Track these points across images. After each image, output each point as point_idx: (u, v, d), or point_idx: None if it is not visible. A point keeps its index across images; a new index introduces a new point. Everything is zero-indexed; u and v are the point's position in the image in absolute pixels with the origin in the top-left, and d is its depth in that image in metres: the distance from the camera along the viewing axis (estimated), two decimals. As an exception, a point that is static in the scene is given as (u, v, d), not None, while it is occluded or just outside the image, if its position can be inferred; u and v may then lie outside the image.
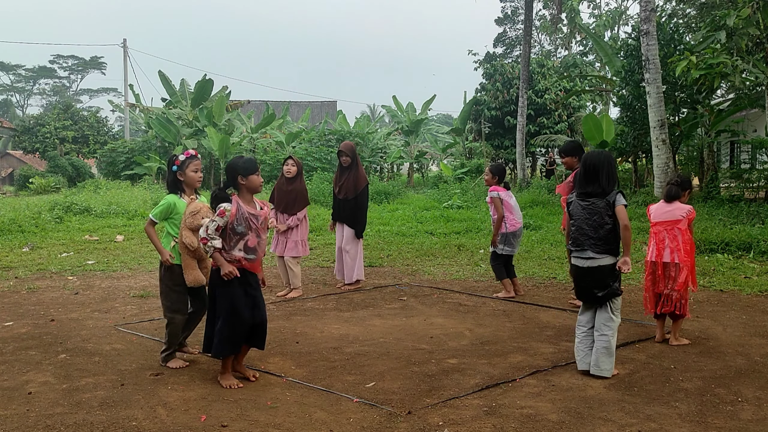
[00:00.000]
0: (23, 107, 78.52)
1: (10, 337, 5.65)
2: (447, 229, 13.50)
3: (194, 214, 4.70)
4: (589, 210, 4.66)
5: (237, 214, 4.33)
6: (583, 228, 4.68)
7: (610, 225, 4.62)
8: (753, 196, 15.12)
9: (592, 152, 4.86)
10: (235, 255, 4.37)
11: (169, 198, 4.86)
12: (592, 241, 4.63)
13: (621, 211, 4.61)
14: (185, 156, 4.89)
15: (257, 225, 4.41)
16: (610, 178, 4.68)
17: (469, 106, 31.27)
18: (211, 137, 28.72)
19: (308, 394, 4.25)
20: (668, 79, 15.22)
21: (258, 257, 4.46)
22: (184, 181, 4.89)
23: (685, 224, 5.39)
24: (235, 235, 4.34)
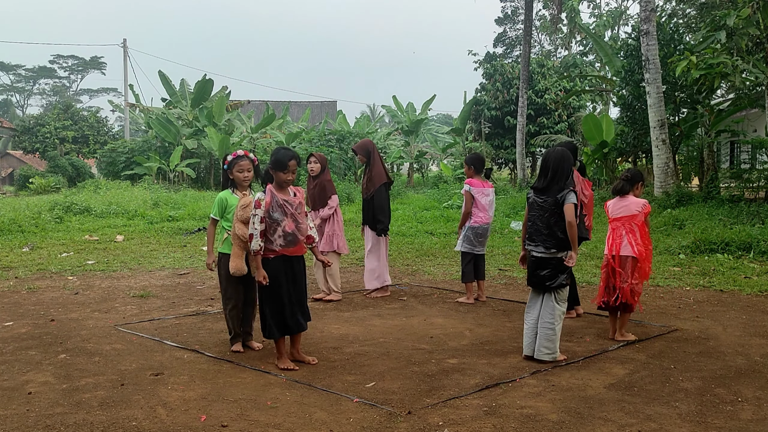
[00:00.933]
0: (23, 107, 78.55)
1: (10, 337, 5.65)
2: (447, 229, 13.50)
3: (245, 207, 5.03)
4: (542, 207, 4.89)
5: (272, 202, 4.63)
6: (536, 224, 4.92)
7: (561, 222, 4.82)
8: (753, 196, 15.12)
9: (552, 149, 5.07)
10: (276, 247, 4.65)
11: (221, 194, 5.24)
12: (543, 237, 4.88)
13: (568, 209, 4.81)
14: (233, 156, 5.21)
15: (292, 210, 4.69)
16: (561, 177, 4.87)
17: (469, 106, 31.28)
18: (211, 137, 28.72)
19: (308, 394, 4.25)
20: (668, 79, 15.22)
21: (297, 240, 4.73)
22: (233, 179, 5.21)
23: (641, 218, 5.46)
24: (272, 222, 4.64)
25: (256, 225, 4.62)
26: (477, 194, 7.01)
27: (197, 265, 9.71)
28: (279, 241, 4.66)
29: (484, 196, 7.03)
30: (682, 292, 7.53)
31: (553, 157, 4.93)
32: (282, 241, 4.66)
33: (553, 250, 4.85)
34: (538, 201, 4.93)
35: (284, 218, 4.66)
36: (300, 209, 4.76)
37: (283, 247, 4.67)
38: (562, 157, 4.91)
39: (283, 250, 4.68)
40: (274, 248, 4.67)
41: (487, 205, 7.06)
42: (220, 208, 5.21)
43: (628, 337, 5.50)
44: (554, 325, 4.89)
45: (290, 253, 4.72)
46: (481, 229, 7.05)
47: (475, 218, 7.01)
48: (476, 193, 7.01)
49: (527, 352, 4.99)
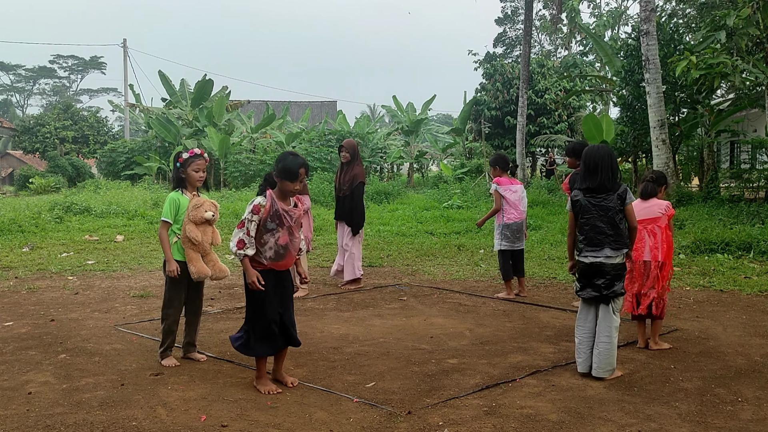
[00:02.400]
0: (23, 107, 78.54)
1: (10, 337, 5.65)
2: (447, 229, 13.50)
3: (197, 207, 4.78)
4: (602, 207, 4.56)
5: (270, 210, 4.23)
6: (598, 226, 4.55)
7: (624, 221, 4.58)
8: (753, 196, 15.13)
9: (593, 147, 4.76)
10: (263, 260, 4.25)
11: (172, 195, 4.86)
12: (611, 239, 4.54)
13: (630, 211, 4.58)
14: (189, 154, 4.89)
15: (290, 222, 4.30)
16: (612, 173, 4.58)
17: (469, 106, 31.28)
18: (211, 137, 28.72)
19: (308, 394, 4.25)
20: (668, 79, 15.22)
21: (289, 255, 4.33)
22: (186, 178, 4.89)
23: (665, 221, 5.28)
24: (266, 232, 4.24)
25: (251, 231, 4.20)
26: (505, 192, 7.23)
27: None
28: (269, 253, 4.24)
29: (512, 192, 7.24)
30: (682, 292, 7.53)
31: (601, 154, 4.58)
32: (272, 254, 4.24)
33: (624, 251, 4.57)
34: (593, 202, 4.57)
35: (280, 230, 4.25)
36: (298, 222, 4.38)
37: (272, 260, 4.26)
38: (609, 154, 4.64)
39: (272, 264, 4.27)
40: (262, 261, 4.25)
41: (518, 201, 7.26)
42: (173, 209, 4.80)
43: (663, 346, 5.27)
44: (613, 338, 4.55)
45: (279, 267, 4.31)
46: (516, 226, 7.24)
47: (508, 215, 7.23)
48: (504, 191, 7.22)
49: (583, 369, 4.63)
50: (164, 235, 4.83)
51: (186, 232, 4.75)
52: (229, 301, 7.18)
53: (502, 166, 7.34)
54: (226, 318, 6.41)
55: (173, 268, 4.76)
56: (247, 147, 30.90)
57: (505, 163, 7.36)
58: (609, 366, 4.54)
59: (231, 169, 27.88)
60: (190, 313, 5.02)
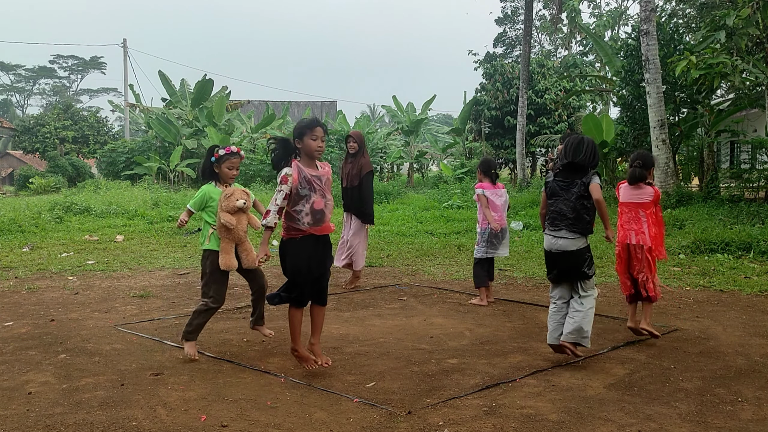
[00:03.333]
0: (23, 107, 78.56)
1: (10, 337, 5.65)
2: (447, 229, 13.50)
3: (228, 196, 4.93)
4: (568, 191, 4.79)
5: (299, 177, 4.34)
6: (561, 208, 4.81)
7: (588, 205, 4.75)
8: (753, 196, 15.12)
9: (579, 136, 4.97)
10: (302, 226, 4.37)
11: (204, 188, 5.05)
12: (569, 221, 4.77)
13: (594, 188, 4.74)
14: (226, 152, 5.04)
15: (321, 185, 4.42)
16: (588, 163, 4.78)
17: (469, 106, 31.29)
18: (211, 137, 28.74)
19: (308, 394, 4.25)
20: (668, 79, 15.22)
21: (325, 218, 4.47)
22: (219, 173, 5.05)
23: (651, 206, 5.37)
24: (300, 199, 4.35)
25: (278, 201, 4.32)
26: (490, 195, 7.11)
27: (197, 265, 9.70)
28: (307, 219, 4.35)
29: (497, 197, 7.14)
30: (682, 292, 7.52)
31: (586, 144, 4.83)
32: (310, 219, 4.35)
33: (578, 236, 4.76)
34: (561, 185, 4.83)
35: (313, 194, 4.35)
36: (328, 184, 4.48)
37: (311, 225, 4.37)
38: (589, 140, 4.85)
39: (311, 228, 4.38)
40: (301, 227, 4.36)
41: (501, 205, 7.15)
42: (202, 201, 5.03)
43: (653, 330, 5.40)
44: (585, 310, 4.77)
45: (318, 232, 4.42)
46: (500, 231, 7.07)
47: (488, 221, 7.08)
48: (489, 195, 7.11)
49: (551, 341, 4.89)
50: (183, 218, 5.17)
51: (220, 221, 4.90)
52: (229, 301, 7.18)
53: (484, 169, 7.19)
54: (226, 318, 6.40)
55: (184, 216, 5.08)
56: (247, 147, 30.91)
57: (488, 168, 7.21)
58: (579, 333, 4.74)
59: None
60: (253, 290, 5.24)
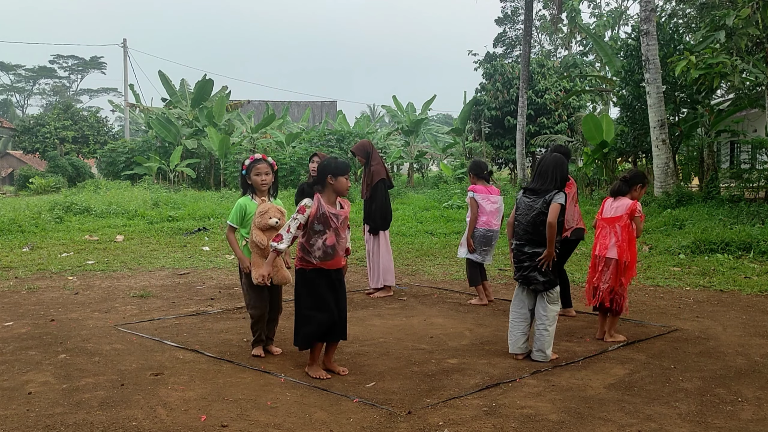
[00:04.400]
0: (23, 107, 78.52)
1: (10, 337, 5.65)
2: (447, 229, 13.50)
3: (263, 213, 4.93)
4: (529, 207, 4.95)
5: (317, 213, 4.48)
6: (522, 223, 5.00)
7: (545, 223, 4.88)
8: (753, 196, 15.12)
9: (549, 155, 5.15)
10: (313, 259, 4.49)
11: (240, 201, 5.10)
12: (529, 236, 4.94)
13: (553, 208, 4.85)
14: (250, 160, 5.09)
15: (337, 224, 4.53)
16: (552, 181, 4.94)
17: (469, 106, 31.27)
18: (211, 137, 28.73)
19: (308, 394, 4.25)
20: (668, 79, 15.22)
21: (337, 255, 4.57)
22: (252, 184, 5.09)
23: (625, 219, 5.39)
24: (314, 234, 4.49)
25: (292, 229, 4.49)
26: (481, 200, 6.86)
27: (197, 265, 9.71)
28: (317, 253, 4.48)
29: (490, 203, 6.88)
30: (682, 292, 7.53)
31: (551, 163, 5.01)
32: (321, 253, 4.49)
33: (541, 248, 4.90)
34: (526, 201, 5.00)
35: (327, 231, 4.49)
36: (344, 223, 4.62)
37: (321, 260, 4.50)
38: (556, 161, 5.02)
39: (321, 263, 4.51)
40: (312, 260, 4.51)
41: (494, 210, 6.88)
42: (239, 215, 5.06)
43: (618, 338, 5.47)
44: (548, 326, 4.92)
45: (328, 266, 4.55)
46: (484, 234, 6.82)
47: (479, 223, 6.82)
48: (480, 199, 6.86)
49: (513, 350, 5.02)
50: (231, 238, 5.10)
51: (252, 237, 4.92)
52: (229, 301, 7.18)
53: (476, 172, 6.97)
54: (226, 318, 6.41)
55: (246, 264, 4.99)
56: (247, 147, 30.90)
57: (480, 170, 6.99)
58: (542, 352, 4.90)
59: (231, 169, 27.88)
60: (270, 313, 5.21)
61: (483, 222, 6.83)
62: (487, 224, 6.85)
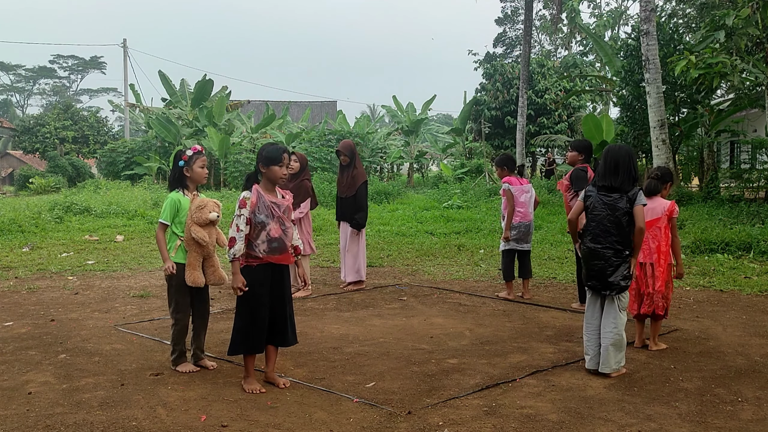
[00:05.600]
0: (23, 107, 78.51)
1: (10, 337, 5.65)
2: (447, 229, 13.50)
3: (201, 208, 4.70)
4: (611, 206, 4.57)
5: (258, 203, 4.26)
6: (604, 224, 4.58)
7: (631, 224, 4.56)
8: (753, 196, 15.13)
9: (614, 146, 4.77)
10: (259, 253, 4.26)
11: (172, 196, 4.75)
12: (613, 239, 4.56)
13: (639, 212, 4.54)
14: (193, 151, 4.82)
15: (279, 213, 4.32)
16: (629, 175, 4.58)
17: (469, 106, 31.28)
18: (211, 137, 28.73)
19: (308, 394, 4.25)
20: (668, 79, 15.23)
21: (284, 247, 4.34)
22: (190, 177, 4.81)
23: (665, 221, 5.21)
24: (257, 225, 4.26)
25: (241, 227, 4.20)
26: (516, 192, 7.14)
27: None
28: (263, 246, 4.25)
29: (523, 193, 7.17)
30: (682, 292, 7.53)
31: (623, 155, 4.62)
32: (266, 246, 4.25)
33: (626, 250, 4.57)
34: (605, 201, 4.58)
35: (270, 221, 4.26)
36: (287, 213, 4.38)
37: (267, 253, 4.26)
38: (630, 155, 4.67)
39: (268, 257, 4.27)
40: (258, 254, 4.25)
41: (527, 201, 7.18)
42: (172, 211, 4.70)
43: (661, 346, 5.25)
44: (616, 335, 4.57)
45: (276, 260, 4.31)
46: (524, 226, 7.15)
47: (516, 216, 7.11)
48: (515, 191, 7.14)
49: (589, 366, 4.67)
50: (160, 237, 4.72)
51: (192, 233, 4.66)
52: (229, 301, 7.18)
53: (510, 166, 7.29)
54: (226, 318, 6.40)
55: (169, 266, 4.65)
56: (247, 147, 30.90)
57: (513, 163, 7.35)
58: (612, 363, 4.56)
59: (231, 169, 27.88)
60: (196, 317, 4.86)
61: (520, 214, 7.10)
62: (524, 216, 7.15)
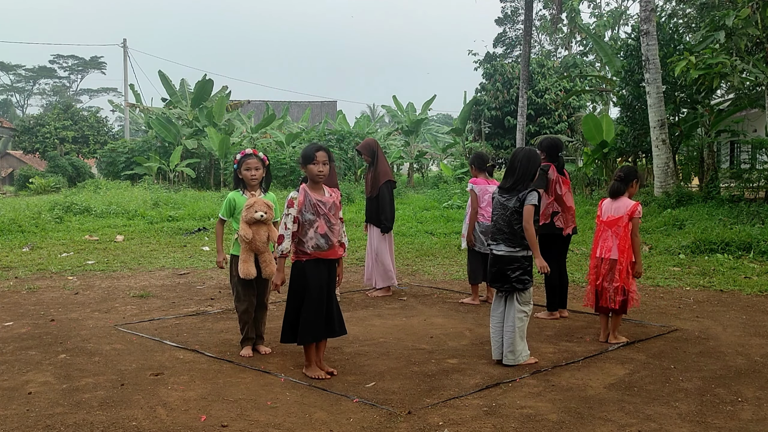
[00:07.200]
0: (23, 107, 78.56)
1: (10, 337, 5.65)
2: (447, 229, 13.51)
3: (249, 207, 4.95)
4: (504, 206, 4.83)
5: (305, 201, 4.46)
6: (498, 223, 4.87)
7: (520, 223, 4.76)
8: (753, 196, 15.12)
9: (520, 148, 5.02)
10: (307, 250, 4.45)
11: (229, 195, 5.16)
12: (505, 236, 4.81)
13: (526, 211, 4.74)
14: (241, 155, 5.14)
15: (326, 211, 4.48)
16: (524, 176, 4.80)
17: (469, 106, 31.29)
18: (211, 137, 28.73)
19: (308, 394, 4.25)
20: (668, 79, 15.22)
21: (332, 243, 4.50)
22: (243, 179, 5.14)
23: (625, 220, 5.31)
24: (304, 223, 4.45)
25: (288, 225, 4.43)
26: (480, 192, 6.98)
27: (197, 265, 9.71)
28: (311, 243, 4.43)
29: (487, 193, 6.95)
30: (682, 292, 7.53)
31: (520, 156, 4.88)
32: (314, 243, 4.43)
33: (517, 249, 4.78)
34: (500, 200, 4.87)
35: (317, 219, 4.44)
36: (334, 210, 4.54)
37: (315, 249, 4.44)
38: (528, 156, 4.87)
39: (316, 252, 4.45)
40: (306, 251, 4.45)
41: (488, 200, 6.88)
42: (229, 208, 5.13)
43: (620, 340, 5.43)
44: (516, 327, 4.77)
45: (324, 256, 4.48)
46: (485, 228, 6.91)
47: (479, 216, 6.97)
48: (479, 191, 6.99)
49: (496, 356, 4.90)
50: (218, 230, 5.22)
51: (240, 231, 4.97)
52: (229, 301, 7.18)
53: (477, 165, 7.11)
54: (226, 318, 6.41)
55: (220, 259, 5.16)
56: (247, 147, 30.89)
57: (482, 162, 7.13)
58: (513, 354, 4.77)
59: (231, 170, 27.78)
60: (257, 308, 5.21)
61: (484, 216, 6.93)
62: (489, 218, 6.87)
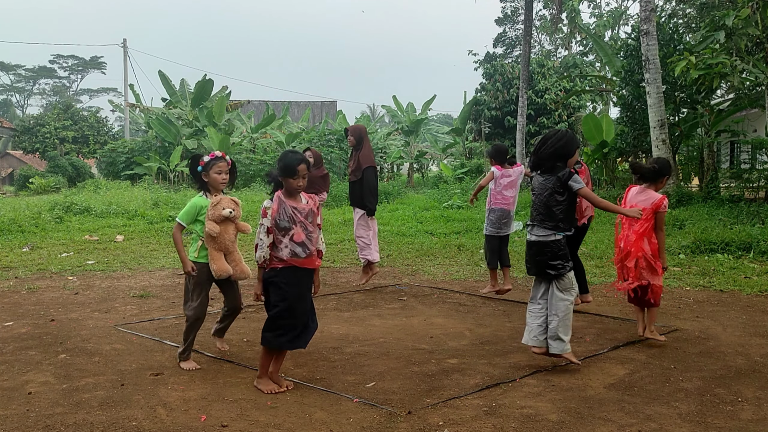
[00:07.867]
0: (23, 107, 78.55)
1: (10, 337, 5.65)
2: (447, 229, 13.50)
3: (215, 205, 4.79)
4: (542, 186, 4.76)
5: (279, 209, 4.26)
6: (535, 203, 4.82)
7: (561, 203, 4.68)
8: (753, 196, 15.12)
9: (552, 129, 4.98)
10: (283, 255, 4.24)
11: (195, 200, 4.87)
12: (541, 216, 4.74)
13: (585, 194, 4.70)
14: (210, 157, 4.86)
15: (301, 218, 4.29)
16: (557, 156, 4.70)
17: (469, 106, 31.28)
18: (211, 137, 28.73)
19: (308, 394, 4.25)
20: (668, 79, 15.23)
21: (310, 252, 4.32)
22: (208, 182, 4.87)
23: (650, 212, 5.23)
24: (280, 231, 4.25)
25: (262, 236, 4.24)
26: (499, 175, 7.08)
27: (197, 265, 9.70)
28: (285, 251, 4.23)
29: (506, 177, 7.08)
30: (682, 292, 7.53)
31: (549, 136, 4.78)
32: (288, 251, 4.23)
33: (549, 233, 4.67)
34: (540, 179, 4.76)
35: (293, 226, 4.24)
36: (311, 217, 4.34)
37: (292, 256, 4.24)
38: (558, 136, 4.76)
39: (292, 260, 4.24)
40: (283, 257, 4.25)
41: (506, 184, 7.06)
42: (192, 213, 4.81)
43: (657, 337, 5.33)
44: (561, 315, 4.66)
45: (300, 264, 4.27)
46: (499, 212, 7.09)
47: (493, 199, 7.10)
48: (498, 175, 7.08)
49: (527, 341, 4.81)
50: (176, 236, 4.82)
51: (206, 228, 4.78)
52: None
53: (498, 159, 7.14)
54: (226, 318, 6.40)
55: (188, 267, 4.79)
56: (247, 147, 30.92)
57: (503, 156, 7.16)
58: (558, 343, 4.68)
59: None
60: (228, 308, 5.09)
61: (498, 201, 7.08)
62: (503, 203, 7.10)
